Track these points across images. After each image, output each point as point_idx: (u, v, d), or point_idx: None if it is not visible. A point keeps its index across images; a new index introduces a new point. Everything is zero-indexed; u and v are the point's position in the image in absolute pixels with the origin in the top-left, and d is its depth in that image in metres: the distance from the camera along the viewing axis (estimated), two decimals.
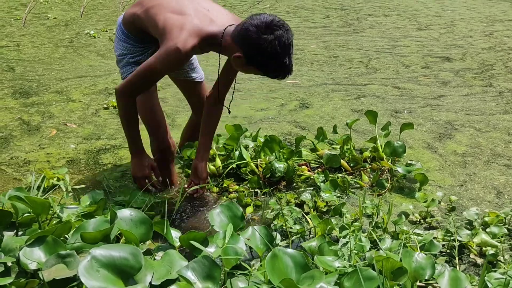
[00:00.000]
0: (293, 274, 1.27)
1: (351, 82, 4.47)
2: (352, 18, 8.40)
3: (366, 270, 1.34)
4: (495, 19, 8.09)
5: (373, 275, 1.33)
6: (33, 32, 6.54)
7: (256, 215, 2.26)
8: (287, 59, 1.92)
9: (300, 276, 1.27)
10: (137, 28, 2.21)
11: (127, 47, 2.27)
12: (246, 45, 1.91)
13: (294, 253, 1.32)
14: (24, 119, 3.30)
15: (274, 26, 1.88)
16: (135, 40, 2.26)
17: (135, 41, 2.26)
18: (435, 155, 2.90)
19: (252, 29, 1.87)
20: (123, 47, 2.28)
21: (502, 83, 4.52)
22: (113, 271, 1.21)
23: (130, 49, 2.27)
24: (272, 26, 1.87)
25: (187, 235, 1.47)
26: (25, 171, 2.60)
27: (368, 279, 1.32)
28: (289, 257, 1.31)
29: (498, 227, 2.03)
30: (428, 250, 1.87)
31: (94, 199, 1.95)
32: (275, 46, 1.86)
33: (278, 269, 1.26)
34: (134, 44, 2.27)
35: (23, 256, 1.34)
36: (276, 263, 1.27)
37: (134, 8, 2.23)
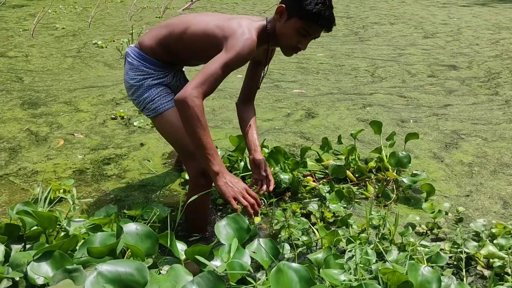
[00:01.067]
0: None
1: (357, 91, 4.47)
2: (358, 27, 8.42)
3: (372, 285, 1.34)
4: (501, 27, 8.07)
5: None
6: (42, 43, 6.62)
7: (264, 223, 2.27)
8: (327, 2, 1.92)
9: None
10: (165, 50, 2.14)
11: (147, 71, 2.16)
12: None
13: (299, 267, 1.33)
14: (32, 130, 3.33)
15: None
16: (155, 64, 2.16)
17: (155, 64, 2.17)
18: (441, 165, 2.89)
19: None
20: (142, 72, 2.16)
21: (508, 92, 4.50)
22: (119, 287, 1.22)
23: (151, 73, 2.16)
24: None
25: (192, 248, 1.48)
26: (32, 182, 2.63)
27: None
28: (294, 272, 1.31)
29: (506, 238, 2.02)
30: (435, 262, 1.87)
31: (108, 214, 1.96)
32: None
33: (283, 283, 1.27)
34: (154, 68, 2.17)
35: (30, 271, 1.35)
36: (281, 277, 1.28)
37: (160, 31, 2.15)
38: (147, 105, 2.13)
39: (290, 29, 1.95)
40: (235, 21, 1.97)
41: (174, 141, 2.14)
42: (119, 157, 2.94)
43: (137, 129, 3.41)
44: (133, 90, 2.17)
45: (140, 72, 2.15)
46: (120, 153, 2.99)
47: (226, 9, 10.11)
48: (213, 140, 3.05)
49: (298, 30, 1.94)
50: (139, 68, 2.15)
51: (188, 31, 2.05)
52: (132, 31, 6.23)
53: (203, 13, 2.21)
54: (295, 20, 1.93)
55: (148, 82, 2.15)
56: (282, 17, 1.96)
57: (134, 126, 3.46)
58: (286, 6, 1.95)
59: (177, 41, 2.09)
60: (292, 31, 1.95)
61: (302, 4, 1.89)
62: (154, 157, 2.94)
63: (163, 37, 2.13)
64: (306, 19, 1.91)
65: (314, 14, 1.89)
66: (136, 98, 2.17)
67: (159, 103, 2.12)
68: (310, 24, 1.93)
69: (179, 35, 2.08)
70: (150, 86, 2.14)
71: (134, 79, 2.15)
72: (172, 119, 2.08)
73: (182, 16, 2.19)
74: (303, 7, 1.89)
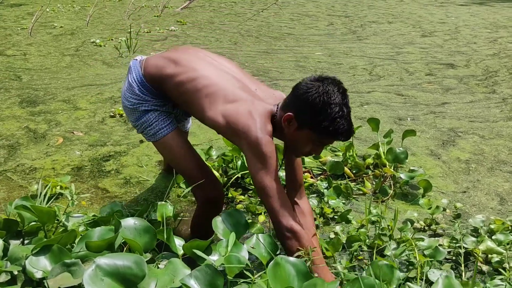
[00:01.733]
0: (295, 282, 1.28)
1: (354, 89, 4.48)
2: (356, 25, 8.43)
3: (367, 278, 1.36)
4: (499, 25, 8.09)
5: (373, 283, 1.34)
6: (40, 41, 6.62)
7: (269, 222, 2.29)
8: (345, 109, 1.68)
9: (302, 284, 1.28)
10: (165, 88, 1.97)
11: (144, 97, 2.00)
12: (296, 101, 1.72)
13: (296, 261, 1.34)
14: (30, 128, 3.34)
15: (324, 77, 1.73)
16: (154, 94, 2.00)
17: (154, 94, 2.00)
18: (438, 162, 2.91)
19: (301, 83, 1.73)
20: (138, 97, 2.00)
21: (505, 90, 4.52)
22: (117, 280, 1.23)
23: (148, 100, 2.01)
24: (323, 77, 1.73)
25: (190, 243, 1.49)
26: (30, 179, 2.63)
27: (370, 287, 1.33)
28: (292, 266, 1.32)
29: (504, 234, 2.03)
30: (433, 257, 1.88)
31: (113, 211, 1.96)
32: (330, 94, 1.66)
33: (281, 277, 1.28)
34: (152, 97, 2.00)
35: (29, 264, 1.36)
36: (278, 271, 1.29)
37: (167, 65, 1.96)
38: (145, 130, 2.03)
39: (302, 138, 1.76)
40: (246, 111, 1.74)
41: (175, 165, 2.08)
42: (118, 154, 2.95)
43: None
44: (129, 112, 2.05)
45: (136, 97, 2.01)
46: (119, 150, 3.00)
47: (224, 7, 10.12)
48: (211, 140, 3.10)
49: (312, 141, 1.75)
50: (136, 93, 2.00)
51: (191, 84, 1.87)
52: (130, 30, 6.23)
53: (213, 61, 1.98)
54: (307, 132, 1.72)
55: (144, 108, 2.00)
56: (291, 126, 1.74)
57: None
58: (295, 116, 1.71)
59: (177, 86, 1.91)
60: (305, 141, 1.76)
61: (317, 119, 1.67)
62: (154, 154, 2.95)
63: (167, 77, 1.94)
64: (322, 134, 1.71)
65: (331, 131, 1.68)
66: (134, 121, 2.06)
67: (158, 128, 2.00)
68: (326, 138, 1.74)
69: (180, 82, 1.90)
70: (146, 111, 2.01)
71: (130, 102, 2.02)
72: (172, 144, 2.00)
73: (193, 55, 1.99)
74: (317, 123, 1.68)
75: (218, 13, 9.42)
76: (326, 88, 1.67)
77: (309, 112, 1.68)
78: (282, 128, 1.78)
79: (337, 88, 1.69)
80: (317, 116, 1.66)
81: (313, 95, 1.67)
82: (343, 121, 1.67)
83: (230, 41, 7.01)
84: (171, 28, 7.72)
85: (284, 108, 1.77)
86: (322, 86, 1.68)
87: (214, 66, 1.95)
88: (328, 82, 1.70)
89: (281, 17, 9.18)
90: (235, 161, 2.59)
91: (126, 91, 2.03)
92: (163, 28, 7.71)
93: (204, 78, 1.86)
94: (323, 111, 1.65)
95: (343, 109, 1.67)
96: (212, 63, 1.97)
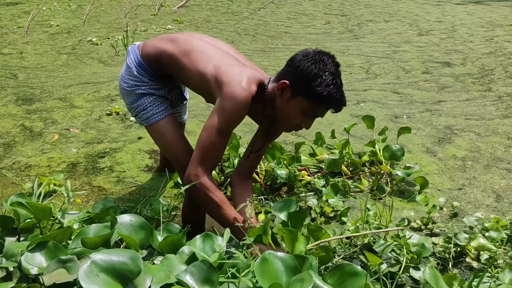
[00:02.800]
0: (283, 278, 1.27)
1: (351, 87, 4.49)
2: (353, 24, 8.44)
3: (349, 265, 1.35)
4: (495, 24, 8.11)
5: (357, 270, 1.34)
6: (36, 40, 6.60)
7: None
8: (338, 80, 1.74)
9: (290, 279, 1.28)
10: (162, 66, 2.02)
11: (141, 78, 2.04)
12: (291, 70, 1.77)
13: (284, 256, 1.33)
14: (26, 125, 3.33)
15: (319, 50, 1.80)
16: (151, 74, 2.05)
17: (151, 75, 2.05)
18: (434, 159, 2.91)
19: (297, 54, 1.79)
20: (136, 78, 2.05)
21: (501, 88, 4.53)
22: (112, 275, 1.23)
23: (145, 81, 2.05)
24: (318, 50, 1.80)
25: (165, 239, 1.48)
26: (24, 176, 2.63)
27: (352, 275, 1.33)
28: (280, 261, 1.31)
29: (498, 231, 2.03)
30: (419, 254, 1.87)
31: (105, 207, 1.96)
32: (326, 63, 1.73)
33: (268, 273, 1.27)
34: (149, 78, 2.05)
35: (24, 261, 1.36)
36: (266, 267, 1.28)
37: (164, 43, 2.02)
38: (139, 113, 2.07)
39: (294, 108, 1.78)
40: (237, 68, 1.81)
41: (166, 151, 2.13)
42: (114, 151, 2.95)
43: (134, 123, 3.42)
44: (126, 94, 2.09)
45: (134, 78, 2.05)
46: (116, 147, 3.00)
47: (221, 6, 10.11)
48: None
49: (304, 111, 1.78)
50: (133, 73, 2.04)
51: (187, 57, 1.92)
52: (127, 29, 6.22)
53: (211, 41, 2.04)
54: (300, 100, 1.76)
55: (141, 91, 2.04)
56: (285, 94, 1.78)
57: (131, 121, 3.47)
58: (290, 83, 1.76)
59: (175, 62, 1.96)
60: (296, 111, 1.79)
61: (311, 85, 1.72)
62: (148, 153, 2.95)
63: (163, 51, 1.99)
64: (314, 101, 1.75)
65: (325, 97, 1.72)
66: (129, 104, 2.10)
67: (152, 112, 2.04)
68: (319, 106, 1.77)
69: (178, 57, 1.95)
70: (142, 94, 2.05)
71: (127, 84, 2.06)
72: (164, 130, 2.04)
73: (190, 36, 2.06)
74: (311, 88, 1.72)
75: (215, 12, 9.42)
76: (321, 57, 1.75)
77: (304, 78, 1.73)
78: (273, 101, 1.82)
79: (331, 60, 1.77)
80: (312, 82, 1.72)
81: (308, 61, 1.74)
82: (336, 90, 1.73)
83: (227, 40, 7.00)
84: (168, 26, 7.72)
85: (277, 80, 1.83)
86: (318, 55, 1.76)
87: (211, 44, 2.00)
88: (323, 53, 1.79)
89: (278, 16, 9.18)
90: (231, 160, 2.59)
91: (124, 73, 2.07)
92: (160, 26, 7.70)
93: (200, 51, 1.92)
94: (318, 77, 1.71)
95: (336, 79, 1.74)
96: (209, 42, 2.03)
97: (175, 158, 2.07)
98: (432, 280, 1.44)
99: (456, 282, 1.48)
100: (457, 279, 1.51)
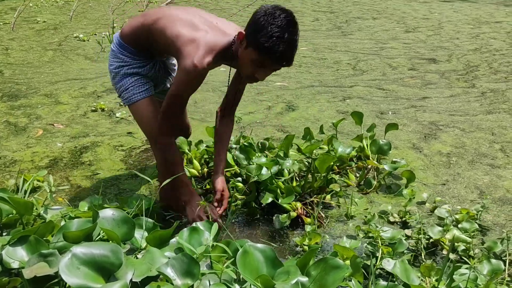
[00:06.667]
0: (264, 269, 1.30)
1: (337, 84, 4.51)
2: (341, 21, 8.46)
3: (333, 259, 1.37)
4: (481, 21, 8.18)
5: (339, 263, 1.36)
6: (22, 36, 6.54)
7: None
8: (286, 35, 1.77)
9: (271, 270, 1.31)
10: (139, 40, 2.15)
11: (124, 59, 2.19)
12: (250, 24, 1.84)
13: (264, 248, 1.35)
14: (10, 121, 3.31)
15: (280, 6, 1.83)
16: (133, 52, 2.19)
17: (132, 53, 2.19)
18: (420, 155, 2.94)
19: (258, 9, 1.85)
20: (119, 59, 2.20)
21: (485, 84, 4.58)
22: (93, 268, 1.23)
23: (127, 61, 2.19)
24: (275, 5, 1.84)
25: (153, 234, 1.49)
26: (7, 173, 2.61)
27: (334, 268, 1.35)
28: (260, 252, 1.34)
29: (470, 223, 2.06)
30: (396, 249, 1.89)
31: (92, 204, 1.96)
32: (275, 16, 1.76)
33: (249, 264, 1.29)
34: (131, 57, 2.19)
35: (5, 255, 1.35)
36: (247, 258, 1.30)
37: (137, 19, 2.17)
38: (122, 93, 2.22)
39: (246, 58, 1.86)
40: (200, 34, 1.92)
41: (143, 129, 2.27)
42: (96, 145, 2.94)
43: (120, 120, 3.41)
44: (112, 75, 2.24)
45: (118, 60, 2.19)
46: (101, 140, 2.99)
47: (210, 3, 10.08)
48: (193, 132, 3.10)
49: (253, 61, 1.85)
50: (117, 55, 2.19)
51: (156, 24, 2.04)
52: (113, 25, 6.18)
53: (180, 8, 2.16)
54: (251, 51, 1.82)
55: (124, 71, 2.19)
56: (242, 44, 1.87)
57: (117, 117, 3.46)
58: (245, 34, 1.86)
59: (147, 32, 2.08)
60: (248, 60, 1.86)
61: (257, 36, 1.78)
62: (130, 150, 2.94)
63: (136, 26, 2.13)
64: (260, 52, 1.80)
65: (267, 48, 1.77)
66: (114, 84, 2.25)
67: (132, 93, 2.19)
68: (264, 57, 1.81)
69: (148, 26, 2.07)
70: (126, 74, 2.19)
71: (113, 65, 2.21)
72: (142, 110, 2.19)
73: (160, 7, 2.19)
74: (257, 39, 1.78)
75: (203, 8, 9.39)
76: (273, 11, 1.78)
77: (253, 29, 1.80)
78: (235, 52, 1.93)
79: (286, 15, 1.79)
80: (258, 33, 1.77)
81: (260, 13, 1.80)
82: (280, 43, 1.75)
83: None
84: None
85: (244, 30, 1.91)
86: (271, 9, 1.80)
87: (182, 9, 2.12)
88: (279, 9, 1.81)
89: None
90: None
91: (110, 56, 2.24)
92: None
93: (169, 15, 2.04)
94: (263, 28, 1.75)
95: (283, 33, 1.75)
96: (180, 8, 2.15)
97: (150, 136, 2.23)
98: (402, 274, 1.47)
99: (433, 272, 1.50)
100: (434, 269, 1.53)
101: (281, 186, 2.30)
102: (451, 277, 1.52)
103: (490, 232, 2.15)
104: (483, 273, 1.60)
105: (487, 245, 1.89)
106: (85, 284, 1.19)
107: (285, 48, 1.77)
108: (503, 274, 1.75)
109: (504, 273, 1.76)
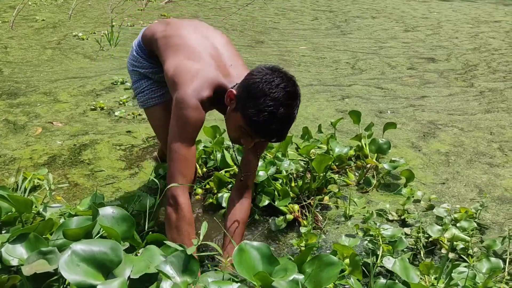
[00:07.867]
0: (260, 266, 1.31)
1: (336, 82, 4.51)
2: (340, 20, 8.47)
3: (327, 256, 1.38)
4: (480, 21, 8.19)
5: (334, 260, 1.37)
6: (21, 34, 6.53)
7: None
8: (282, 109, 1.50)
9: (267, 267, 1.32)
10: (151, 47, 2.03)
11: (139, 59, 2.10)
12: (242, 82, 1.60)
13: (260, 245, 1.36)
14: (9, 120, 3.31)
15: (280, 70, 1.57)
16: (147, 56, 2.08)
17: (147, 56, 2.08)
18: (419, 154, 2.94)
19: (258, 67, 1.60)
20: (135, 60, 2.12)
21: (483, 83, 4.59)
22: (93, 265, 1.23)
23: (142, 62, 2.10)
24: (279, 69, 1.57)
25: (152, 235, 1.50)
26: (5, 171, 2.61)
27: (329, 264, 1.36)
28: (256, 250, 1.35)
29: (468, 221, 2.07)
30: (397, 248, 1.90)
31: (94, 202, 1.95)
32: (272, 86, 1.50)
33: (245, 262, 1.30)
34: (146, 60, 2.09)
35: (5, 252, 1.36)
36: (243, 256, 1.31)
37: (158, 26, 2.03)
38: (138, 95, 2.18)
39: (233, 121, 1.63)
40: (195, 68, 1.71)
41: (157, 134, 2.26)
42: (95, 144, 2.94)
43: (119, 118, 3.41)
44: (130, 73, 2.17)
45: (134, 59, 2.13)
46: (100, 138, 2.99)
47: (209, 2, 10.07)
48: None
49: (240, 128, 1.61)
50: (134, 54, 2.13)
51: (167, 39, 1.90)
52: (112, 24, 6.18)
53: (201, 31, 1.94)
54: (239, 116, 1.58)
55: (139, 71, 2.12)
56: (232, 104, 1.63)
57: (116, 116, 3.46)
58: (236, 95, 1.60)
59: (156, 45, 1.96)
60: (235, 125, 1.63)
61: (247, 104, 1.52)
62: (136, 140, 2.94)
63: (154, 34, 1.99)
64: (247, 123, 1.55)
65: (255, 122, 1.52)
66: (132, 83, 2.20)
67: (148, 97, 2.15)
68: (251, 130, 1.57)
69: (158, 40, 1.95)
70: (141, 76, 2.14)
71: (130, 63, 2.16)
72: (156, 115, 2.16)
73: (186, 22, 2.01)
74: (246, 108, 1.52)
75: (202, 7, 9.38)
76: (271, 79, 1.52)
77: (245, 93, 1.55)
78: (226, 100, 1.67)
79: (285, 85, 1.52)
80: (248, 101, 1.52)
81: (255, 79, 1.53)
82: (272, 119, 1.50)
83: None
84: (155, 22, 7.68)
85: (236, 87, 1.66)
86: (270, 76, 1.53)
87: (198, 31, 1.92)
88: (279, 75, 1.54)
89: (265, 12, 9.17)
90: (214, 153, 2.60)
91: (130, 54, 2.17)
92: (146, 22, 7.66)
93: (180, 36, 1.87)
94: (255, 98, 1.50)
95: (278, 108, 1.49)
96: (199, 28, 1.94)
97: (164, 142, 2.15)
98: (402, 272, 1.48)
99: (432, 270, 1.51)
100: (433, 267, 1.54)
101: (278, 188, 2.30)
102: (450, 275, 1.53)
103: (489, 231, 2.16)
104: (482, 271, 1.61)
105: (486, 244, 1.90)
106: (85, 281, 1.19)
107: (276, 126, 1.52)
108: (503, 273, 1.76)
109: (504, 271, 1.77)
